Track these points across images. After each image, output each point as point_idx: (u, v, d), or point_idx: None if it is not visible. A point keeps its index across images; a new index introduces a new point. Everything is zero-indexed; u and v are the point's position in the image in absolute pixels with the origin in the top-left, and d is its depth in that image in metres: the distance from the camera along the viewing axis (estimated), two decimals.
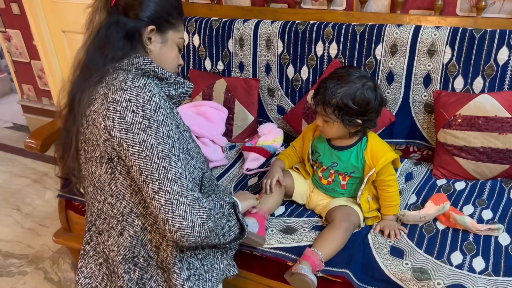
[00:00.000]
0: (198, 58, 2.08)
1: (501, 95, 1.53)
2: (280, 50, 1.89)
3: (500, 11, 1.67)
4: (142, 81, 0.98)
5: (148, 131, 0.96)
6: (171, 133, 0.99)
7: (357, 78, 1.31)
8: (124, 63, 1.04)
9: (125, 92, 0.96)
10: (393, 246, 1.31)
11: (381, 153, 1.36)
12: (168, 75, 1.09)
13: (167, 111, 1.00)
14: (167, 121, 0.99)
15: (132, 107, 0.96)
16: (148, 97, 0.97)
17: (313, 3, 1.97)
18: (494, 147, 1.51)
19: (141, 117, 0.96)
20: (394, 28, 1.68)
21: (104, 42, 1.04)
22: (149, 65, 1.05)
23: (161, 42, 1.11)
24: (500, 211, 1.41)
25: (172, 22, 1.11)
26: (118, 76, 1.00)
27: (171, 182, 0.96)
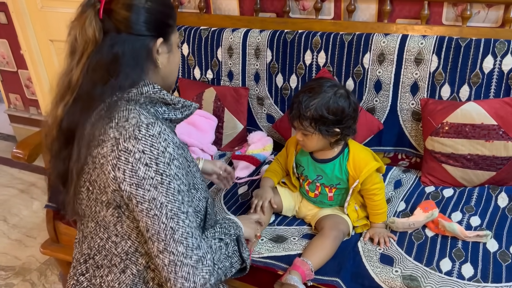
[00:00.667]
0: (187, 67, 2.08)
1: (487, 102, 1.55)
2: (269, 59, 1.90)
3: (485, 20, 1.70)
4: (157, 128, 0.91)
5: (160, 187, 0.90)
6: (182, 186, 0.94)
7: (329, 87, 1.30)
8: (133, 93, 0.96)
9: (139, 142, 0.89)
10: (383, 254, 1.32)
11: (364, 163, 1.35)
12: (176, 100, 1.03)
13: (180, 160, 0.95)
14: (179, 173, 0.94)
15: (146, 159, 0.89)
16: (163, 148, 0.91)
17: (301, 12, 1.99)
18: (481, 154, 1.53)
19: (154, 171, 0.90)
20: (382, 37, 1.70)
21: (109, 66, 0.93)
22: (159, 93, 0.99)
23: (167, 52, 1.02)
24: (487, 217, 1.42)
25: (171, 23, 1.03)
26: (129, 116, 0.92)
27: (177, 243, 0.92)
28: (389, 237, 1.36)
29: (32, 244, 2.26)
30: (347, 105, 1.30)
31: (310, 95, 1.29)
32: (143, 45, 0.96)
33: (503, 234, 1.35)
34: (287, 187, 1.52)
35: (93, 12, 0.94)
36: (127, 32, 0.94)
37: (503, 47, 1.54)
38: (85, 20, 0.94)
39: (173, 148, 0.93)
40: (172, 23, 1.02)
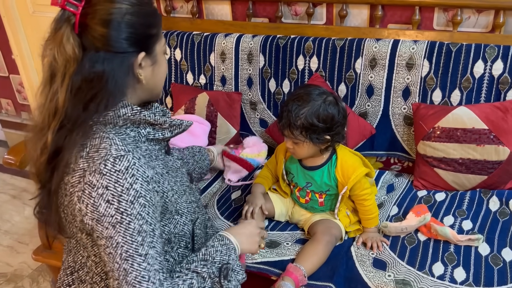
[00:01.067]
0: (180, 72, 2.08)
1: (478, 107, 1.56)
2: (262, 64, 1.90)
3: (475, 25, 1.71)
4: (125, 163, 0.87)
5: (118, 227, 0.87)
6: (145, 226, 0.89)
7: (317, 95, 1.29)
8: (109, 116, 0.92)
9: (104, 177, 0.86)
10: (375, 258, 1.32)
11: (352, 170, 1.35)
12: (162, 120, 0.99)
13: (148, 196, 0.90)
14: (143, 212, 0.89)
15: (108, 196, 0.86)
16: (128, 185, 0.87)
17: (293, 17, 1.99)
18: (472, 158, 1.54)
19: (114, 209, 0.86)
20: (373, 42, 1.71)
21: (90, 87, 0.88)
22: (139, 114, 0.95)
23: (151, 64, 0.97)
24: (479, 221, 1.43)
25: (154, 32, 0.95)
26: (100, 146, 0.89)
27: (129, 285, 0.87)
28: (382, 242, 1.37)
29: (24, 250, 2.25)
30: (336, 112, 1.30)
31: (299, 104, 1.28)
32: (123, 62, 0.90)
33: (494, 238, 1.36)
34: (278, 193, 1.52)
35: (69, 27, 0.88)
36: (105, 50, 0.88)
37: (493, 52, 1.56)
38: (61, 37, 0.88)
39: (141, 184, 0.89)
40: (155, 31, 0.95)
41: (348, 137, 1.71)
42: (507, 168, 1.54)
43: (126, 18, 0.89)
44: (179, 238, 1.07)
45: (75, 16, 0.87)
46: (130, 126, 0.96)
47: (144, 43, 0.93)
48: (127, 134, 0.95)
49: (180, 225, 1.05)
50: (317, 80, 1.79)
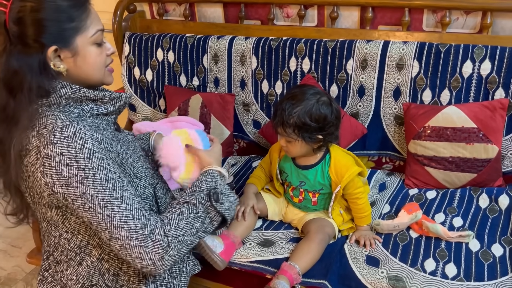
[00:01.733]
0: (173, 74, 2.09)
1: (467, 106, 1.59)
2: (255, 66, 1.92)
3: (464, 26, 1.75)
4: (71, 129, 0.94)
5: (86, 182, 0.94)
6: (110, 175, 0.97)
7: (311, 95, 1.32)
8: (52, 97, 0.98)
9: (56, 146, 0.93)
10: (368, 256, 1.34)
11: (345, 169, 1.38)
12: (101, 95, 1.04)
13: (102, 152, 0.97)
14: (103, 163, 0.96)
15: (66, 160, 0.93)
16: (80, 146, 0.94)
17: (285, 19, 2.02)
18: (462, 157, 1.57)
19: (76, 169, 0.93)
20: (364, 44, 1.74)
21: (10, 79, 0.95)
22: (79, 92, 1.00)
23: (71, 56, 1.00)
24: (469, 218, 1.46)
25: (72, 26, 0.97)
26: (47, 122, 0.96)
27: (118, 228, 0.96)
28: (375, 239, 1.39)
29: (18, 254, 2.24)
30: (329, 112, 1.32)
31: (293, 103, 1.31)
32: (33, 56, 0.95)
33: (484, 234, 1.38)
34: (271, 193, 1.54)
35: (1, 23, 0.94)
36: (18, 46, 0.94)
37: (481, 52, 1.59)
38: None
39: (92, 143, 0.96)
40: (74, 25, 0.98)
41: (340, 137, 1.71)
42: (496, 166, 1.57)
43: (33, 15, 0.93)
44: (143, 201, 1.10)
45: (5, 14, 0.93)
46: (73, 104, 1.01)
47: (56, 37, 0.96)
48: (71, 111, 1.01)
49: (140, 188, 1.10)
50: (309, 81, 1.81)
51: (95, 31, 1.01)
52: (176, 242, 1.01)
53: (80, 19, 0.98)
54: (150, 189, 1.13)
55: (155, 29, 2.18)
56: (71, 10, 0.97)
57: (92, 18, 1.01)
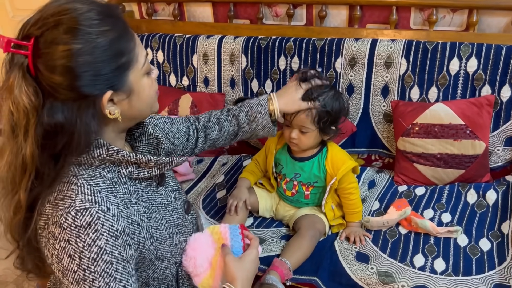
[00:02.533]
0: (163, 74, 2.09)
1: (454, 103, 1.61)
2: (244, 65, 1.93)
3: (450, 24, 1.77)
4: (87, 218, 0.78)
5: (82, 284, 0.79)
6: (112, 284, 0.80)
7: (326, 87, 1.31)
8: (83, 157, 0.83)
9: (65, 232, 0.78)
10: (358, 252, 1.35)
11: (341, 162, 1.40)
12: (146, 159, 0.88)
13: (116, 251, 0.81)
14: (109, 269, 0.80)
15: (70, 251, 0.78)
16: (90, 241, 0.78)
17: (274, 18, 2.02)
18: (450, 153, 1.58)
19: (77, 265, 0.79)
20: (352, 42, 1.75)
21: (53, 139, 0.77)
22: (116, 155, 0.84)
23: (127, 97, 0.84)
24: (458, 213, 1.48)
25: (123, 62, 0.80)
26: (66, 193, 0.80)
27: None
28: (365, 236, 1.40)
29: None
30: (344, 104, 1.35)
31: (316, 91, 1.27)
32: (86, 108, 0.78)
33: (472, 229, 1.40)
34: (265, 187, 1.55)
35: (21, 72, 0.75)
36: (61, 99, 0.76)
37: (467, 49, 1.61)
38: (13, 86, 0.74)
39: (107, 239, 0.80)
40: (125, 60, 0.80)
41: None
42: (483, 162, 1.59)
43: (78, 61, 0.74)
44: (159, 281, 0.99)
45: (27, 58, 0.74)
46: (109, 166, 0.86)
47: (109, 81, 0.79)
48: (102, 176, 0.85)
49: (160, 270, 0.97)
50: None
51: (144, 59, 0.84)
52: None
53: (130, 51, 0.81)
54: (172, 269, 0.99)
55: (144, 29, 2.18)
56: (120, 42, 0.79)
57: (138, 44, 0.83)
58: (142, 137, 1.01)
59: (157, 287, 0.97)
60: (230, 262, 0.96)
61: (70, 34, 0.73)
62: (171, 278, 1.00)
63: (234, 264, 0.96)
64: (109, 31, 0.77)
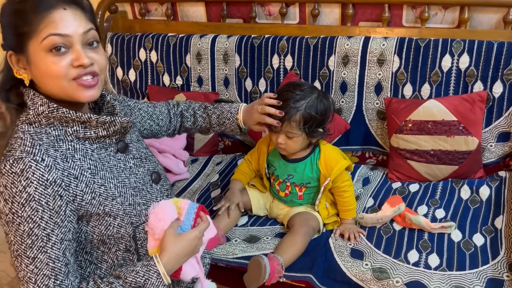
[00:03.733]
0: (156, 74, 2.09)
1: (447, 100, 1.62)
2: (238, 64, 1.93)
3: (442, 21, 1.78)
4: (21, 165, 0.89)
5: (10, 226, 0.90)
6: (35, 230, 0.90)
7: (310, 89, 1.33)
8: (31, 114, 0.94)
9: (3, 177, 0.90)
10: (353, 249, 1.36)
11: (335, 162, 1.39)
12: (86, 117, 0.96)
13: (44, 199, 0.90)
14: (34, 216, 0.89)
15: (6, 195, 0.90)
16: (21, 187, 0.89)
17: (267, 17, 2.03)
18: (443, 149, 1.59)
19: (8, 209, 0.90)
20: (345, 40, 1.75)
21: None
22: (57, 111, 0.94)
23: (27, 63, 0.92)
24: (451, 209, 1.48)
25: (24, 31, 0.90)
26: (12, 146, 0.93)
27: (21, 281, 0.92)
28: (359, 232, 1.40)
29: (2, 259, 2.21)
30: (328, 105, 1.35)
31: (297, 98, 1.30)
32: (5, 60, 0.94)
33: (466, 225, 1.41)
34: (257, 188, 1.54)
35: None
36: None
37: (459, 46, 1.62)
38: None
39: (36, 187, 0.89)
40: (26, 29, 0.89)
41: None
42: (476, 158, 1.60)
43: None
44: (116, 240, 1.03)
45: None
46: (56, 124, 0.96)
47: (12, 42, 0.92)
48: (47, 133, 0.95)
49: (113, 227, 1.00)
50: (292, 78, 1.82)
51: (46, 34, 0.89)
52: None
53: (34, 23, 0.89)
54: (127, 228, 1.02)
55: (137, 29, 2.18)
56: (28, 13, 0.89)
57: (51, 21, 0.89)
58: (103, 107, 1.10)
59: (115, 246, 1.01)
60: (168, 234, 0.99)
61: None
62: (128, 238, 1.03)
63: (169, 238, 0.99)
64: (19, 2, 0.90)
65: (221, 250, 1.39)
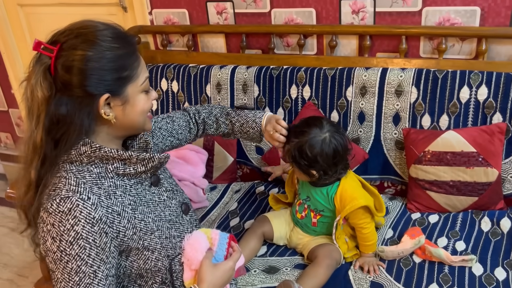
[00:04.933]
0: (178, 103, 2.14)
1: (465, 131, 1.62)
2: (256, 94, 1.97)
3: (460, 52, 1.79)
4: (68, 204, 0.92)
5: (58, 264, 0.93)
6: (83, 268, 0.93)
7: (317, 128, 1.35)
8: (72, 154, 0.98)
9: (50, 216, 0.93)
10: (373, 282, 1.35)
11: (349, 199, 1.38)
12: (127, 155, 1.01)
13: (91, 238, 0.94)
14: (82, 254, 0.93)
15: (53, 233, 0.93)
16: (69, 226, 0.92)
17: (285, 48, 2.07)
18: (462, 181, 1.59)
19: (56, 247, 0.93)
20: (363, 71, 1.78)
21: (56, 127, 0.95)
22: (99, 151, 0.98)
23: (121, 104, 0.99)
24: (472, 242, 1.47)
25: (125, 75, 0.97)
26: (57, 186, 0.95)
27: None
28: (378, 265, 1.40)
29: (24, 283, 2.25)
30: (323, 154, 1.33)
31: (298, 132, 1.35)
32: (85, 105, 0.95)
33: (487, 258, 1.39)
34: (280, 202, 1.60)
35: (41, 69, 0.93)
36: (67, 94, 0.94)
37: (477, 78, 1.63)
38: (34, 79, 0.94)
39: (83, 226, 0.93)
40: (126, 74, 0.98)
41: None
42: (496, 189, 1.59)
43: (88, 65, 0.92)
44: (153, 273, 1.07)
45: (51, 59, 0.94)
46: (97, 162, 1.00)
47: (109, 86, 0.96)
48: (89, 171, 0.99)
49: (151, 261, 1.06)
50: (310, 108, 1.85)
51: (144, 79, 1.02)
52: None
53: (131, 68, 0.99)
54: (164, 261, 1.08)
55: (159, 59, 2.24)
56: (123, 60, 0.97)
57: (142, 65, 1.02)
58: (133, 142, 1.14)
59: (151, 279, 1.05)
60: (204, 265, 1.05)
61: (86, 43, 0.93)
62: (164, 271, 1.08)
63: (207, 268, 1.05)
64: (117, 48, 0.96)
65: (241, 280, 1.40)
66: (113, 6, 2.35)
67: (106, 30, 0.96)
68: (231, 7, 2.06)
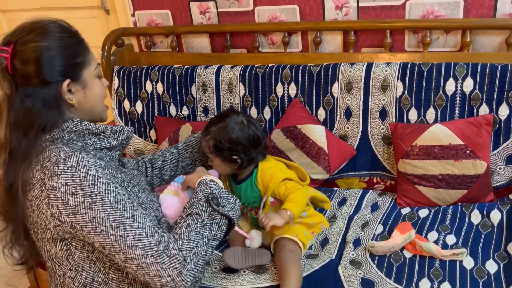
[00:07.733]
0: (163, 105, 2.11)
1: (452, 124, 1.61)
2: (242, 93, 1.95)
3: (444, 45, 1.78)
4: (74, 158, 0.97)
5: (94, 206, 0.96)
6: (119, 197, 1.00)
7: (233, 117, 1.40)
8: (54, 132, 1.03)
9: (60, 177, 0.96)
10: (363, 278, 1.33)
11: (269, 178, 1.40)
12: (102, 128, 1.10)
13: (107, 177, 1.00)
14: (109, 188, 0.99)
15: (71, 189, 0.96)
16: (84, 173, 0.97)
17: (270, 46, 2.05)
18: (451, 174, 1.57)
19: (82, 196, 0.96)
20: (348, 67, 1.77)
21: (23, 120, 0.99)
22: (80, 125, 1.06)
23: (82, 88, 1.08)
24: (462, 235, 1.46)
25: (79, 61, 1.06)
26: (50, 155, 0.99)
27: (133, 248, 0.97)
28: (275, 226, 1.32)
29: None
30: (244, 135, 1.38)
31: (214, 123, 1.40)
32: (49, 92, 1.01)
33: (478, 251, 1.38)
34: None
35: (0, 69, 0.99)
36: (32, 85, 0.99)
37: (462, 70, 1.62)
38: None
39: (96, 169, 0.99)
40: (80, 60, 1.06)
41: (330, 160, 1.74)
42: (485, 181, 1.58)
43: (44, 54, 0.99)
44: None
45: (7, 59, 0.99)
46: (76, 138, 1.06)
47: (67, 72, 1.04)
48: (74, 144, 1.05)
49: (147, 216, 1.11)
50: (296, 105, 1.83)
51: (96, 65, 1.11)
52: (191, 255, 1.03)
53: (84, 54, 1.08)
54: (154, 221, 1.11)
55: (143, 61, 2.21)
56: (75, 47, 1.06)
57: (91, 54, 1.10)
58: None
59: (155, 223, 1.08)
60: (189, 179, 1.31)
61: (39, 36, 1.00)
62: None
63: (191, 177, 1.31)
64: (68, 37, 1.05)
65: (230, 281, 1.37)
66: (95, 9, 2.33)
67: (54, 23, 1.05)
68: (214, 6, 2.05)
